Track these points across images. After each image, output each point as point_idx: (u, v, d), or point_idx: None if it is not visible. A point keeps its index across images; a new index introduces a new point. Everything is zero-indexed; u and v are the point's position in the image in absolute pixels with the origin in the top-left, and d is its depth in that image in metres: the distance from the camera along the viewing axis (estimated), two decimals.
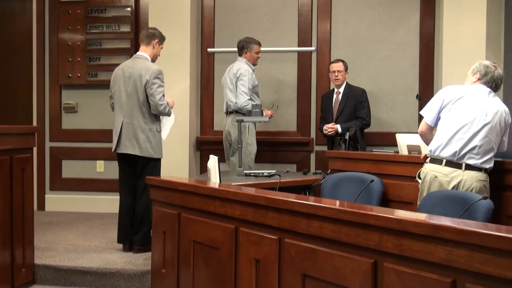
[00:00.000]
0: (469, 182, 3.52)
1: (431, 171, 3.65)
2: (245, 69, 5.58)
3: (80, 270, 4.34)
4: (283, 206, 2.64)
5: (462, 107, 3.63)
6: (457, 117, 3.62)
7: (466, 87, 3.77)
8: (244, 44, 5.74)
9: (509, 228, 2.01)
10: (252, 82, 5.58)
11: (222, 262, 3.03)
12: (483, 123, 3.57)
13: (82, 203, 6.76)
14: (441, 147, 3.62)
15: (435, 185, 3.60)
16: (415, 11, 6.24)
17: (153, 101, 4.67)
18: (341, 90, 5.89)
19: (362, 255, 2.27)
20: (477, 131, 3.56)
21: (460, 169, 3.56)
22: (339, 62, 5.87)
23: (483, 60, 3.86)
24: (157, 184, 3.66)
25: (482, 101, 3.64)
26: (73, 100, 6.85)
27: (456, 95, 3.69)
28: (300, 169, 5.78)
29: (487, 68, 3.75)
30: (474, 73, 3.80)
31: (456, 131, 3.59)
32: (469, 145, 3.55)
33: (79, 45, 6.74)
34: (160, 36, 4.91)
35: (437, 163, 3.64)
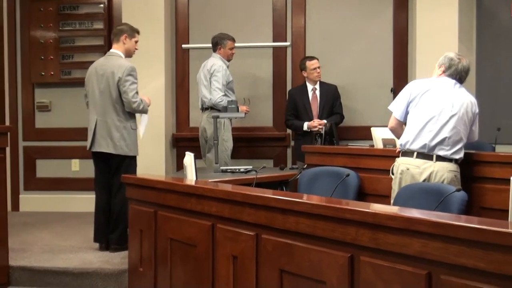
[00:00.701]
0: (441, 173, 3.57)
1: (403, 163, 3.69)
2: (219, 65, 5.56)
3: (56, 271, 4.29)
4: (259, 202, 2.64)
5: (429, 100, 3.68)
6: (424, 110, 3.67)
7: (432, 80, 3.82)
8: (218, 40, 5.72)
9: (481, 220, 2.03)
10: (226, 78, 5.57)
11: (199, 259, 3.03)
12: (450, 115, 3.62)
13: (57, 203, 6.68)
14: (411, 141, 3.67)
15: (407, 178, 3.64)
16: (388, 5, 6.27)
17: (126, 98, 4.63)
18: (317, 87, 5.91)
19: (338, 249, 2.28)
20: (445, 123, 3.61)
21: (431, 161, 3.60)
22: (316, 59, 5.90)
23: (449, 53, 3.89)
24: (133, 182, 3.64)
25: (448, 93, 3.69)
26: (46, 99, 6.77)
27: (422, 88, 3.73)
28: (277, 164, 5.79)
29: (451, 61, 3.79)
30: (440, 66, 3.85)
31: (424, 124, 3.64)
32: (438, 137, 3.60)
33: (52, 43, 6.65)
34: (130, 30, 4.85)
35: (408, 156, 3.68)
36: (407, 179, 3.63)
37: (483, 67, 5.84)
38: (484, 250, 1.83)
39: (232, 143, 5.65)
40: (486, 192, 3.70)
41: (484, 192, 3.71)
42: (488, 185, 3.70)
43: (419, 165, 3.62)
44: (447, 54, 3.86)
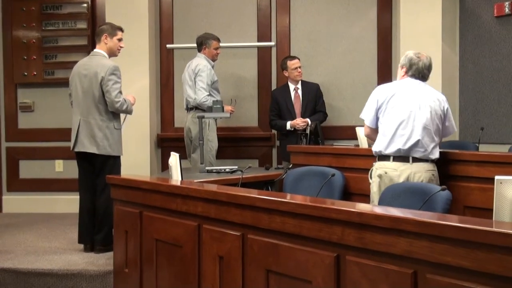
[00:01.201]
0: (419, 174, 3.59)
1: (380, 168, 3.70)
2: (203, 65, 5.55)
3: (40, 273, 4.25)
4: (245, 202, 2.64)
5: (396, 104, 3.69)
6: (393, 116, 3.68)
7: (397, 83, 3.84)
8: (203, 40, 5.71)
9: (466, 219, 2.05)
10: (211, 78, 5.56)
11: (185, 260, 3.02)
12: (419, 117, 3.64)
13: (41, 204, 6.62)
14: (385, 147, 3.68)
15: (385, 181, 3.65)
16: (373, 5, 6.31)
17: (109, 98, 4.60)
18: (299, 86, 5.94)
19: (324, 249, 2.29)
20: (415, 125, 3.63)
21: (408, 163, 3.62)
22: (297, 58, 5.93)
23: (408, 52, 3.91)
24: (118, 183, 3.62)
25: (414, 94, 3.71)
26: (29, 99, 6.70)
27: (387, 93, 3.75)
28: (262, 164, 5.79)
29: (411, 61, 3.82)
30: (401, 67, 3.88)
31: (395, 130, 3.65)
32: (410, 140, 3.62)
33: (35, 43, 6.60)
34: (110, 28, 4.82)
35: (385, 160, 3.70)
36: (386, 183, 3.65)
37: (466, 67, 5.90)
38: (469, 248, 1.84)
39: (217, 143, 5.65)
40: (470, 192, 3.73)
41: (468, 191, 3.74)
42: (472, 184, 3.73)
43: (396, 167, 3.64)
44: (407, 53, 3.89)
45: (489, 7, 5.64)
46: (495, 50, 5.60)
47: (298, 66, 5.86)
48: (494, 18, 5.60)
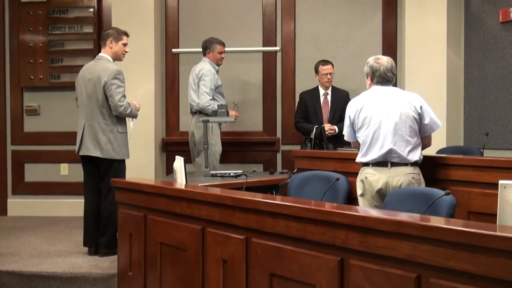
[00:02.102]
0: (397, 178, 3.63)
1: (362, 173, 3.76)
2: (207, 69, 5.57)
3: (44, 275, 4.26)
4: (250, 206, 2.65)
5: (366, 116, 3.73)
6: (365, 127, 3.72)
7: (364, 94, 3.85)
8: (207, 44, 5.73)
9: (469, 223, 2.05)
10: (214, 82, 5.57)
11: (189, 263, 3.02)
12: (387, 124, 3.66)
13: (46, 207, 6.64)
14: (363, 156, 3.74)
15: (366, 186, 3.72)
16: (378, 10, 6.31)
17: (113, 102, 4.62)
18: (329, 92, 5.90)
19: (328, 252, 2.29)
20: (386, 134, 3.65)
21: (387, 167, 3.66)
22: (330, 64, 5.87)
23: (369, 59, 3.92)
24: (122, 186, 3.63)
25: (381, 102, 3.73)
26: (35, 103, 6.73)
27: (356, 107, 3.78)
28: (267, 169, 5.80)
29: (373, 68, 3.84)
30: (366, 77, 3.91)
31: (369, 142, 3.69)
32: (383, 149, 3.65)
33: (41, 47, 6.63)
34: (116, 33, 4.84)
35: (365, 166, 3.76)
36: (366, 187, 3.72)
37: (471, 73, 5.89)
38: (472, 253, 1.85)
39: (220, 148, 5.65)
40: (474, 197, 3.72)
41: (472, 196, 3.73)
42: (477, 190, 3.72)
43: (375, 172, 3.69)
44: (368, 61, 3.90)
45: (494, 13, 5.64)
46: (500, 56, 5.60)
47: (328, 72, 5.82)
48: (499, 23, 5.60)
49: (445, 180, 3.88)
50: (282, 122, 6.41)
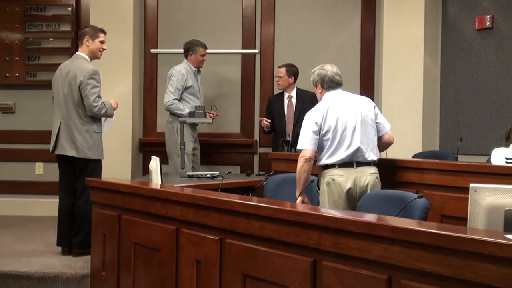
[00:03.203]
0: (364, 177, 3.72)
1: (327, 176, 3.77)
2: (176, 70, 5.62)
3: (16, 275, 4.20)
4: (224, 207, 2.65)
5: (332, 118, 3.77)
6: (332, 130, 3.75)
7: (323, 101, 3.90)
8: (190, 46, 5.74)
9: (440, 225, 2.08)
10: (182, 83, 5.59)
11: (163, 263, 3.01)
12: (354, 124, 3.76)
13: (20, 206, 6.55)
14: (329, 157, 3.77)
15: (333, 188, 3.73)
16: (356, 16, 6.36)
17: (87, 102, 4.58)
18: (293, 94, 5.86)
19: (301, 254, 2.30)
20: (353, 134, 3.74)
21: (353, 167, 3.73)
22: (282, 67, 5.85)
23: (313, 70, 4.05)
24: (97, 186, 3.61)
25: (343, 104, 3.83)
26: (10, 100, 6.65)
27: (322, 112, 3.80)
28: (244, 171, 5.79)
29: (320, 75, 3.96)
30: (316, 85, 3.99)
31: (337, 143, 3.74)
32: (351, 148, 3.73)
33: (18, 44, 6.55)
34: (92, 31, 4.80)
35: (330, 168, 3.77)
36: (333, 190, 3.72)
37: (447, 79, 5.96)
38: (443, 255, 1.87)
39: (190, 147, 5.61)
40: (447, 201, 3.77)
41: (445, 200, 3.78)
42: (450, 194, 3.78)
43: (342, 173, 3.73)
44: (313, 71, 4.03)
45: (470, 20, 5.72)
46: (475, 63, 5.68)
47: (278, 76, 5.84)
48: (475, 31, 5.68)
49: (419, 184, 3.93)
50: (260, 124, 6.41)
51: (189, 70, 5.69)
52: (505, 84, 5.42)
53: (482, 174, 3.67)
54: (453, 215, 3.69)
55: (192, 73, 5.69)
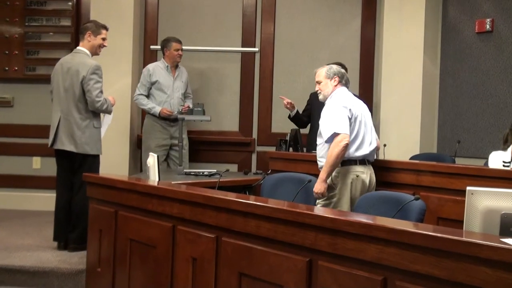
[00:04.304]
0: (373, 176, 3.91)
1: (352, 172, 3.83)
2: (145, 68, 5.86)
3: (11, 269, 4.19)
4: (221, 205, 2.65)
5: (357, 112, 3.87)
6: (358, 123, 3.85)
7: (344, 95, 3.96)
8: (163, 43, 5.87)
9: (436, 228, 2.08)
10: (147, 79, 5.75)
11: (158, 260, 3.01)
12: (369, 122, 3.97)
13: (16, 201, 6.54)
14: (356, 150, 3.83)
15: (357, 185, 3.81)
16: (357, 16, 6.36)
17: (90, 97, 4.58)
18: None
19: (297, 253, 2.30)
20: (371, 132, 3.95)
21: (366, 165, 3.91)
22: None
23: (331, 65, 4.15)
24: (94, 181, 3.61)
25: (358, 102, 3.99)
26: (9, 94, 6.64)
27: (352, 103, 3.89)
28: (241, 169, 5.80)
29: (340, 72, 4.06)
30: (332, 78, 4.02)
31: (362, 138, 3.86)
32: (372, 146, 3.92)
33: (17, 38, 6.53)
34: (94, 26, 4.80)
35: (352, 164, 3.84)
36: (356, 187, 3.79)
37: (446, 81, 5.97)
38: (438, 257, 1.87)
39: (159, 143, 5.68)
40: (444, 203, 3.78)
41: (442, 202, 3.79)
42: (447, 196, 3.78)
43: (363, 170, 3.84)
44: (330, 66, 4.10)
45: (470, 23, 5.72)
46: (474, 66, 5.68)
47: None
48: (475, 34, 5.68)
49: (416, 186, 3.94)
50: (258, 123, 6.42)
51: (160, 66, 5.81)
52: (504, 87, 5.43)
53: (479, 177, 3.67)
54: (450, 217, 3.70)
55: (164, 69, 5.79)
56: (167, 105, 5.69)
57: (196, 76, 6.39)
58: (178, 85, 5.84)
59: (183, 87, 5.88)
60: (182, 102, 5.81)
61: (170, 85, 5.78)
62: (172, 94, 5.78)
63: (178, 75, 5.86)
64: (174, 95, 5.79)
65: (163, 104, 5.69)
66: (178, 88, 5.83)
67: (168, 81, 5.78)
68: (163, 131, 5.72)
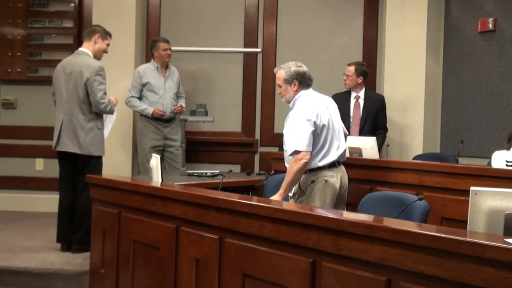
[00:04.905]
0: (345, 176, 3.82)
1: (320, 178, 3.68)
2: (136, 70, 5.85)
3: (15, 271, 4.20)
4: (224, 206, 2.65)
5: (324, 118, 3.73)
6: (325, 131, 3.72)
7: (308, 99, 3.77)
8: (151, 44, 5.88)
9: (440, 228, 2.08)
10: (138, 81, 5.75)
11: (162, 262, 3.01)
12: (336, 125, 3.83)
13: (19, 202, 6.55)
14: (322, 159, 3.71)
15: (326, 190, 3.67)
16: (359, 16, 6.36)
17: (94, 99, 4.59)
18: (361, 95, 5.52)
19: (300, 254, 2.30)
20: (338, 134, 3.83)
21: (336, 167, 3.79)
22: (351, 66, 5.54)
23: (289, 64, 3.88)
24: (98, 183, 3.61)
25: (324, 104, 3.83)
26: (12, 96, 6.65)
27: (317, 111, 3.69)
28: (244, 170, 5.80)
29: (299, 72, 3.82)
30: (291, 82, 3.80)
31: (328, 145, 3.74)
32: (340, 150, 3.80)
33: (20, 40, 6.54)
34: (103, 31, 4.83)
35: (320, 169, 3.71)
36: (326, 191, 3.66)
37: (449, 81, 5.96)
38: (442, 257, 1.87)
39: (148, 144, 5.73)
40: (448, 203, 3.78)
41: (446, 203, 3.78)
42: (450, 196, 3.78)
43: (332, 173, 3.72)
44: (288, 66, 3.84)
45: (473, 23, 5.71)
46: (477, 65, 5.67)
47: (345, 74, 5.54)
48: (477, 33, 5.67)
49: (420, 186, 3.93)
50: (261, 123, 6.41)
51: (150, 67, 5.82)
52: (506, 87, 5.42)
53: (482, 177, 3.66)
54: (453, 217, 3.69)
55: (155, 70, 5.80)
56: (160, 105, 5.70)
57: (198, 77, 6.39)
58: (170, 85, 5.85)
59: (175, 87, 5.90)
60: (175, 102, 5.82)
61: (162, 85, 5.79)
62: (164, 94, 5.79)
63: (169, 75, 5.88)
64: (166, 95, 5.80)
65: (156, 104, 5.70)
66: (170, 88, 5.85)
67: (159, 82, 5.79)
68: (156, 132, 5.74)
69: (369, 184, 4.24)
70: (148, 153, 5.62)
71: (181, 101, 5.91)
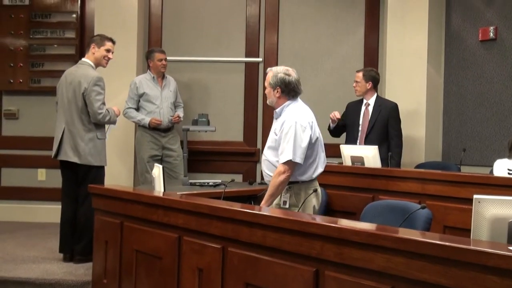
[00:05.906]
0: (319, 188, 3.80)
1: (311, 187, 3.68)
2: (132, 81, 5.84)
3: (18, 281, 4.20)
4: (227, 215, 2.65)
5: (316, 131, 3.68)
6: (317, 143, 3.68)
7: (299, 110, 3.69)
8: (147, 55, 5.93)
9: (443, 236, 2.07)
10: (135, 92, 5.77)
11: (164, 271, 3.01)
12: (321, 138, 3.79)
13: (22, 213, 6.54)
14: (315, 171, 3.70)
15: (314, 200, 3.70)
16: (360, 25, 6.37)
17: (92, 109, 4.60)
18: (370, 102, 5.43)
19: (304, 263, 2.30)
20: (323, 146, 3.78)
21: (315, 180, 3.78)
22: (359, 72, 5.47)
23: (278, 69, 3.75)
24: (99, 193, 3.61)
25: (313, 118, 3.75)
26: (14, 107, 6.66)
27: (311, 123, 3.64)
28: (246, 179, 5.79)
29: (284, 80, 3.68)
30: (274, 88, 3.72)
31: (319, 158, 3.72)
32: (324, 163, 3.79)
33: (22, 50, 6.57)
34: (99, 39, 4.83)
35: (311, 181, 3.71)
36: (313, 201, 3.68)
37: (450, 90, 5.96)
38: (446, 266, 1.86)
39: (147, 154, 5.73)
40: (450, 212, 3.77)
41: (448, 211, 3.77)
42: (453, 205, 3.77)
43: (317, 184, 3.76)
44: (277, 72, 3.70)
45: (474, 31, 5.73)
46: (479, 74, 5.68)
47: (354, 80, 5.47)
48: (478, 42, 5.69)
49: (422, 195, 3.93)
50: (262, 133, 6.41)
51: (146, 78, 5.86)
52: (508, 95, 5.42)
53: (485, 185, 3.66)
54: (456, 226, 3.68)
55: (151, 80, 5.83)
56: (157, 115, 5.72)
57: (200, 86, 6.41)
58: (166, 95, 5.87)
59: (172, 96, 5.91)
60: (172, 112, 5.84)
61: (158, 95, 5.81)
62: (161, 104, 5.80)
63: (166, 85, 5.90)
64: (163, 105, 5.81)
65: (153, 114, 5.72)
66: (167, 98, 5.86)
67: (156, 92, 5.81)
68: (154, 141, 5.75)
69: (371, 193, 4.24)
70: (147, 163, 5.64)
71: (179, 111, 5.93)
